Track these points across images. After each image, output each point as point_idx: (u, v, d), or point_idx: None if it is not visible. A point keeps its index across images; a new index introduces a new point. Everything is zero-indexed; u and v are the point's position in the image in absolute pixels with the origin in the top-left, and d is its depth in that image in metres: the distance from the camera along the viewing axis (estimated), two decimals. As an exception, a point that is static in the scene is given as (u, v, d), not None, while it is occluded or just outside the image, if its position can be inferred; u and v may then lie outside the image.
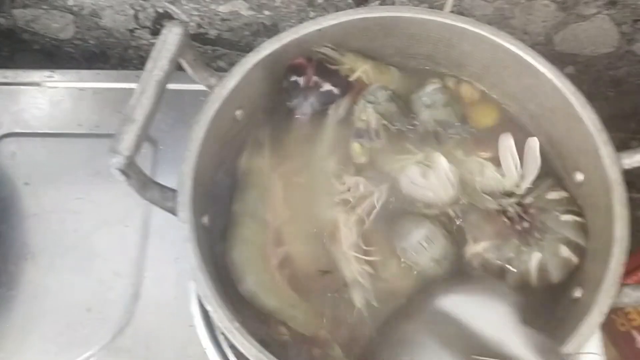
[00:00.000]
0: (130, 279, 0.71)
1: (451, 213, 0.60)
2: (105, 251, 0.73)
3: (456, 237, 0.58)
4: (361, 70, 0.63)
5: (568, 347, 0.47)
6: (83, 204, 0.75)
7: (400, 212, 0.60)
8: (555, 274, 0.55)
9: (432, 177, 0.60)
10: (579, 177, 0.58)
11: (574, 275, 0.55)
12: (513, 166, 0.59)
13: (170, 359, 0.68)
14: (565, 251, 0.55)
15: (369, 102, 0.62)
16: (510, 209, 0.58)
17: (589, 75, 0.91)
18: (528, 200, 0.59)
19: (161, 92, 0.50)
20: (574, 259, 0.55)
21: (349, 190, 0.60)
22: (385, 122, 0.62)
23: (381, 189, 0.60)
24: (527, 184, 0.59)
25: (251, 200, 0.60)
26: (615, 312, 0.82)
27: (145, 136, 0.48)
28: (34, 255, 0.72)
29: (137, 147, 0.47)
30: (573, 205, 0.58)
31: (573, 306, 0.53)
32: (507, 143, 0.60)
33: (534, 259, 0.55)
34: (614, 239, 0.51)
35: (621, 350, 0.83)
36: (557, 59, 0.87)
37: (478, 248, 0.57)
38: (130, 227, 0.74)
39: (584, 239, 0.56)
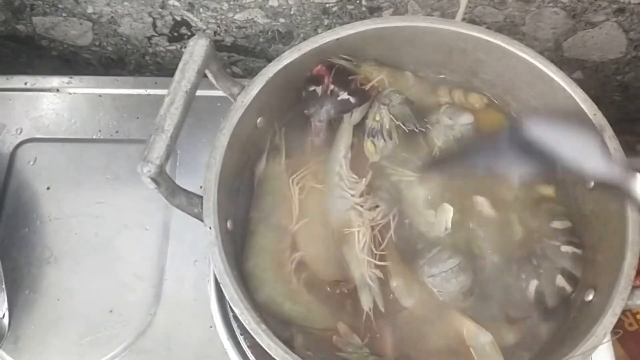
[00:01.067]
0: (151, 281, 0.73)
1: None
2: (126, 254, 0.75)
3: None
4: (377, 79, 0.65)
5: (583, 349, 0.49)
6: (103, 208, 0.77)
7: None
8: (550, 301, 0.58)
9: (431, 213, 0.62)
10: (591, 182, 0.59)
11: (586, 278, 0.57)
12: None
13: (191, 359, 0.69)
14: (561, 281, 0.57)
15: (383, 104, 0.64)
16: None
17: (596, 80, 0.92)
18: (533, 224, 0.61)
19: (190, 102, 0.52)
20: (568, 288, 0.57)
21: (361, 196, 0.62)
22: (398, 122, 0.63)
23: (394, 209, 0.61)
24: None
25: (267, 207, 0.62)
26: (624, 313, 0.83)
27: (174, 145, 0.50)
28: (56, 258, 0.74)
29: (167, 156, 0.49)
30: (574, 236, 0.60)
31: (586, 309, 0.54)
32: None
33: (532, 286, 0.58)
34: (626, 243, 0.52)
35: (629, 350, 0.84)
36: (566, 65, 0.89)
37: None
38: (150, 230, 0.76)
39: (580, 271, 0.58)
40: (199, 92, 0.71)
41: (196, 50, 0.53)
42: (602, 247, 0.57)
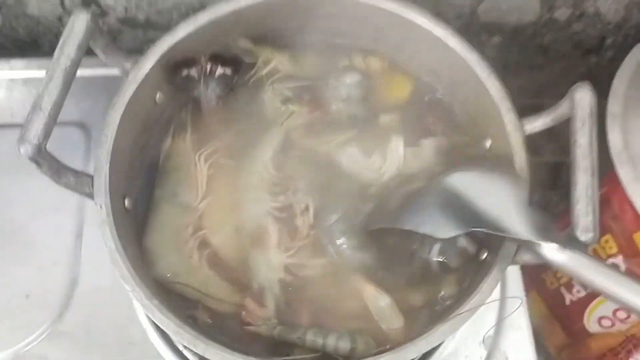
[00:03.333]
0: (68, 265, 0.72)
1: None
2: (41, 239, 0.74)
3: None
4: (276, 60, 0.65)
5: (471, 304, 0.50)
6: (17, 194, 0.76)
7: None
8: (453, 262, 0.58)
9: (375, 156, 0.62)
10: (487, 143, 0.60)
11: (482, 240, 0.58)
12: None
13: (111, 342, 0.69)
14: (462, 242, 0.58)
15: (273, 82, 0.65)
16: None
17: (516, 44, 0.93)
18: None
19: (70, 79, 0.51)
20: (471, 248, 0.58)
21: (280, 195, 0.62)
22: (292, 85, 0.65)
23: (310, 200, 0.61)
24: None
25: (171, 184, 0.61)
26: (545, 272, 0.86)
27: (54, 124, 0.49)
28: (-31, 247, 0.73)
29: (46, 134, 0.48)
30: None
31: (481, 268, 0.55)
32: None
33: (435, 248, 0.58)
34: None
35: (551, 308, 0.87)
36: (484, 29, 0.90)
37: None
38: (65, 214, 0.75)
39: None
40: (112, 72, 0.70)
41: (76, 25, 0.52)
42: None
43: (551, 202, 0.94)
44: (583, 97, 0.51)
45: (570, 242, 0.46)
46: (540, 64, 0.99)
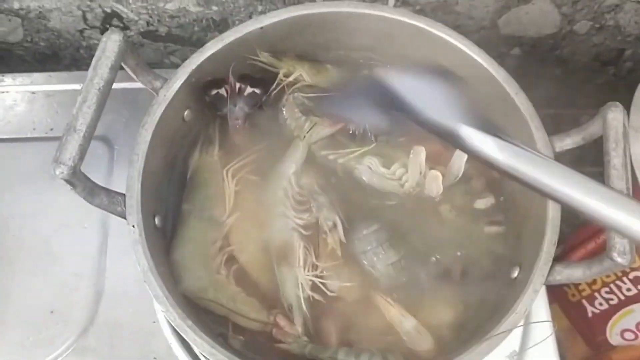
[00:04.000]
0: (92, 280, 0.72)
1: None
2: (65, 253, 0.74)
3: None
4: (298, 72, 0.65)
5: (506, 325, 0.50)
6: (41, 207, 0.76)
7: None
8: (478, 277, 0.59)
9: (395, 167, 0.62)
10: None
11: (512, 256, 0.58)
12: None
13: (135, 356, 0.69)
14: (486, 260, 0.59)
15: (294, 92, 0.65)
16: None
17: (535, 56, 0.93)
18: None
19: (104, 99, 0.51)
20: (494, 267, 0.59)
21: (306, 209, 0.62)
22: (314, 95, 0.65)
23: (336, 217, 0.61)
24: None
25: (199, 199, 0.61)
26: (567, 285, 0.85)
27: (88, 145, 0.49)
28: (-6, 260, 0.73)
29: (81, 156, 0.48)
30: (498, 213, 0.61)
31: (512, 286, 0.55)
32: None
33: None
34: (547, 220, 0.53)
35: (573, 320, 0.87)
36: (503, 42, 0.89)
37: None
38: (89, 228, 0.75)
39: (503, 248, 0.59)
40: (134, 85, 0.71)
41: (109, 46, 0.52)
42: (526, 224, 0.58)
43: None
44: (616, 117, 0.51)
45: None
46: (558, 75, 0.99)
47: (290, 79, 0.64)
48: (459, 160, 0.61)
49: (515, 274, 0.55)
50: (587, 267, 0.50)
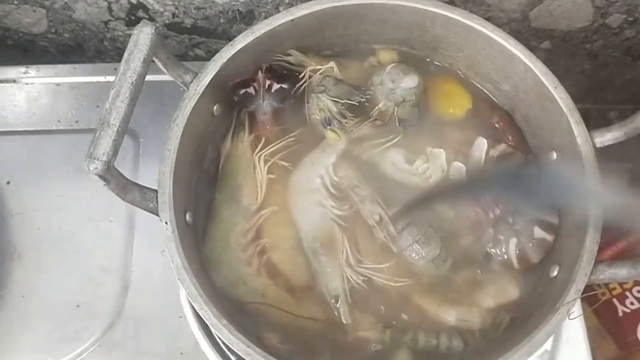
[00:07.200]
0: (118, 274, 0.72)
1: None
2: (91, 247, 0.73)
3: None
4: (326, 68, 0.64)
5: (548, 327, 0.49)
6: (66, 200, 0.75)
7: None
8: (534, 255, 0.57)
9: (418, 163, 0.62)
10: (553, 155, 0.59)
11: (551, 254, 0.57)
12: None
13: (161, 351, 0.69)
14: (538, 232, 0.56)
15: (320, 92, 0.63)
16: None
17: (565, 50, 0.91)
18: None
19: (137, 93, 0.50)
20: (549, 237, 0.57)
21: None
22: (343, 101, 0.63)
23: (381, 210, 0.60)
24: None
25: (230, 187, 0.61)
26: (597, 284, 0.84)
27: (122, 139, 0.48)
28: (19, 254, 0.73)
29: (115, 151, 0.47)
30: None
31: (551, 285, 0.54)
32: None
33: (511, 244, 0.57)
34: (588, 217, 0.52)
35: (603, 320, 0.85)
36: (534, 35, 0.88)
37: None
38: (115, 221, 0.74)
39: (556, 217, 0.58)
40: (160, 77, 0.70)
41: (141, 39, 0.51)
42: (567, 221, 0.57)
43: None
44: (662, 113, 0.49)
45: None
46: (587, 70, 0.97)
47: (320, 72, 0.63)
48: (480, 149, 0.61)
49: (555, 272, 0.54)
50: (633, 267, 0.49)
